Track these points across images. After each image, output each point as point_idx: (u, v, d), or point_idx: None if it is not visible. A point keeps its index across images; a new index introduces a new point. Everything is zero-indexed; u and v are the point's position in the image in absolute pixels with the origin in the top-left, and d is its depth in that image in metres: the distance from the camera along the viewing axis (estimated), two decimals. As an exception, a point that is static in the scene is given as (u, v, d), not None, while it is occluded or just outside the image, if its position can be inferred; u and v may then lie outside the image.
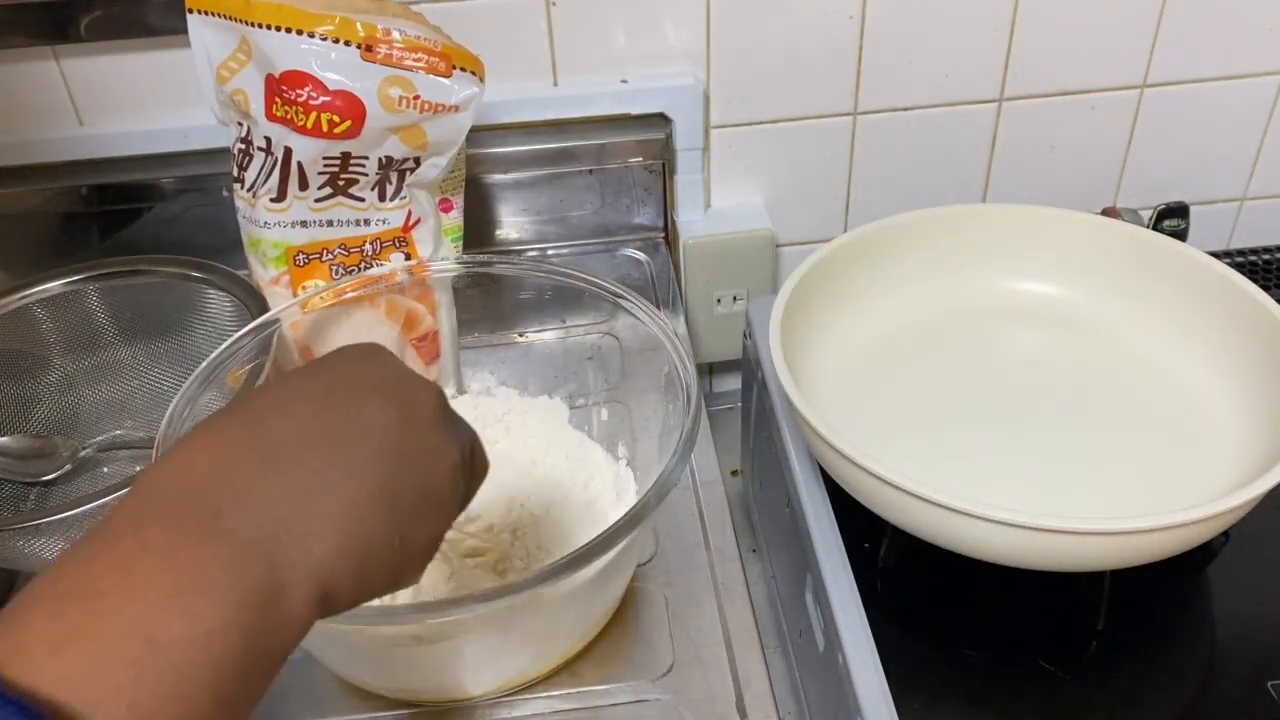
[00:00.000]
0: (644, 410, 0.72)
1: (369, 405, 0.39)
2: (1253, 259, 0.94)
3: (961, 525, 0.60)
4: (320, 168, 0.70)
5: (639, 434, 0.73)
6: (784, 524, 0.77)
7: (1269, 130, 1.01)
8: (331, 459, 0.37)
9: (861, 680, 0.62)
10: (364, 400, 0.39)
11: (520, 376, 0.80)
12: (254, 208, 0.72)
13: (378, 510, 0.37)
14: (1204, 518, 0.58)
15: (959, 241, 0.82)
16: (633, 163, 0.93)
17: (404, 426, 0.40)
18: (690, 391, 0.62)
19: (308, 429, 0.38)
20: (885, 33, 0.92)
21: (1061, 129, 0.99)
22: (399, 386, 0.41)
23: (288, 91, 0.67)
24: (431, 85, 0.68)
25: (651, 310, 0.67)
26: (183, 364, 0.78)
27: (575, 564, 0.54)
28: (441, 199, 0.76)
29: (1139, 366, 0.77)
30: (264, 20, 0.67)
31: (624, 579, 0.66)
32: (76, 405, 0.79)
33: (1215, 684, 0.65)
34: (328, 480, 0.37)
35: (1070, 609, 0.67)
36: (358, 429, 0.38)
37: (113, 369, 0.80)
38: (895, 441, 0.70)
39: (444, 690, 0.63)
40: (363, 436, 0.38)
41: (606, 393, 0.76)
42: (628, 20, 0.90)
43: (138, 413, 0.79)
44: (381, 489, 0.38)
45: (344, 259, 0.74)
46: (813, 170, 0.99)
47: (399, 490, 0.38)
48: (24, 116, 0.89)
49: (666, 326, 0.66)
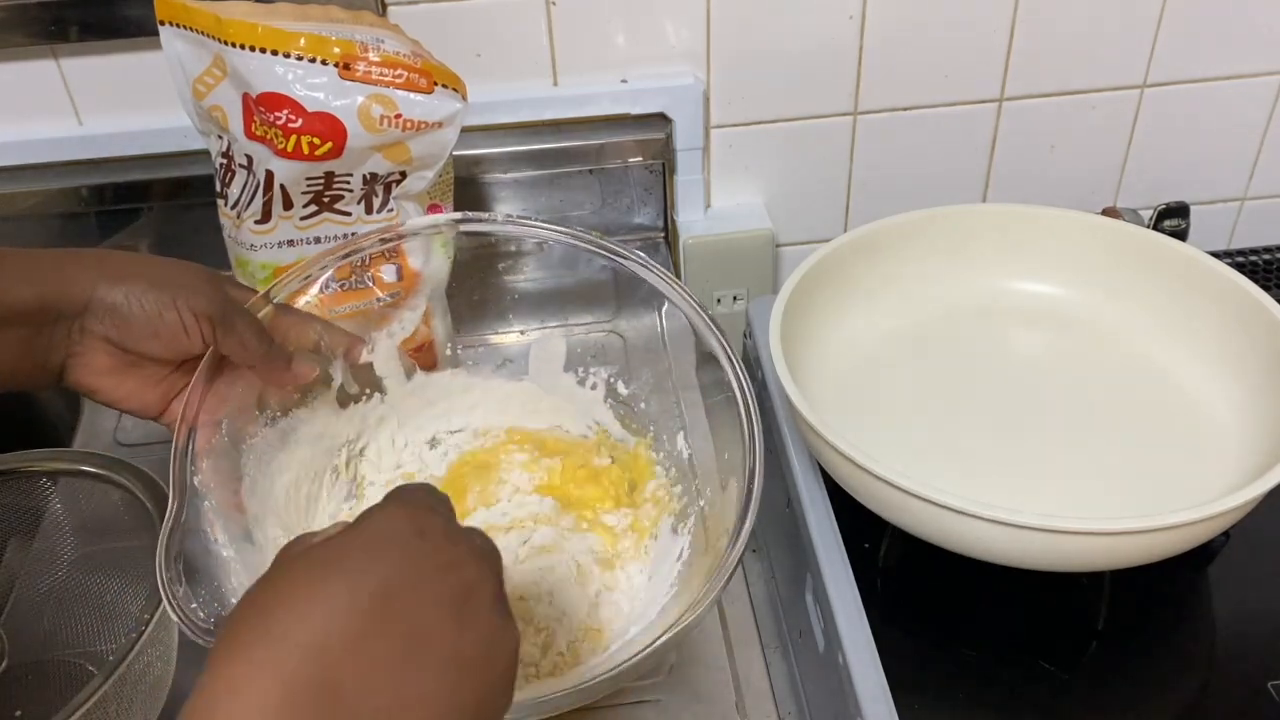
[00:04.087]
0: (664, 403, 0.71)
1: (427, 615, 0.38)
2: (1253, 259, 0.94)
3: (962, 525, 0.60)
4: (304, 188, 0.69)
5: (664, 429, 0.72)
6: (784, 524, 0.77)
7: (1269, 130, 1.01)
8: (399, 686, 0.36)
9: (861, 680, 0.61)
10: (421, 609, 0.38)
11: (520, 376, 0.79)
12: (239, 229, 0.72)
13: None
14: (1204, 518, 0.58)
15: (959, 241, 0.82)
16: (633, 163, 0.93)
17: (462, 631, 0.38)
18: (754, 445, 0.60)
19: (371, 654, 0.36)
20: (885, 33, 0.92)
21: (1061, 129, 0.99)
22: (450, 577, 0.39)
23: (266, 113, 0.66)
24: (413, 103, 0.67)
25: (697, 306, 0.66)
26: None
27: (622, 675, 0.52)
28: (430, 205, 0.76)
29: (1139, 366, 0.77)
30: (237, 39, 0.65)
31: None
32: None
33: (1215, 684, 0.65)
34: (398, 708, 0.36)
35: (1070, 609, 0.67)
36: (419, 646, 0.37)
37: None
38: (895, 441, 0.70)
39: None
40: (425, 654, 0.37)
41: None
42: (628, 20, 0.90)
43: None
44: (449, 708, 0.37)
45: (334, 273, 0.72)
46: (813, 170, 0.99)
47: (465, 702, 0.38)
48: (24, 116, 0.89)
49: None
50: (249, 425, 0.64)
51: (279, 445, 0.66)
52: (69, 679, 0.69)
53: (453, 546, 0.41)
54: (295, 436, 0.67)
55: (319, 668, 0.35)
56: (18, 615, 0.72)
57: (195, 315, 0.56)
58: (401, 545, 0.39)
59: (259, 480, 0.64)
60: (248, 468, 0.63)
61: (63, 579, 0.72)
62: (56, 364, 0.56)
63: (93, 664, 0.69)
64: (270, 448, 0.65)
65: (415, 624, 0.37)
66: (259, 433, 0.64)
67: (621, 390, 0.73)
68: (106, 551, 0.72)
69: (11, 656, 0.68)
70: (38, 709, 0.67)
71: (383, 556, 0.39)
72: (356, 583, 0.37)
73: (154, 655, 0.60)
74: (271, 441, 0.65)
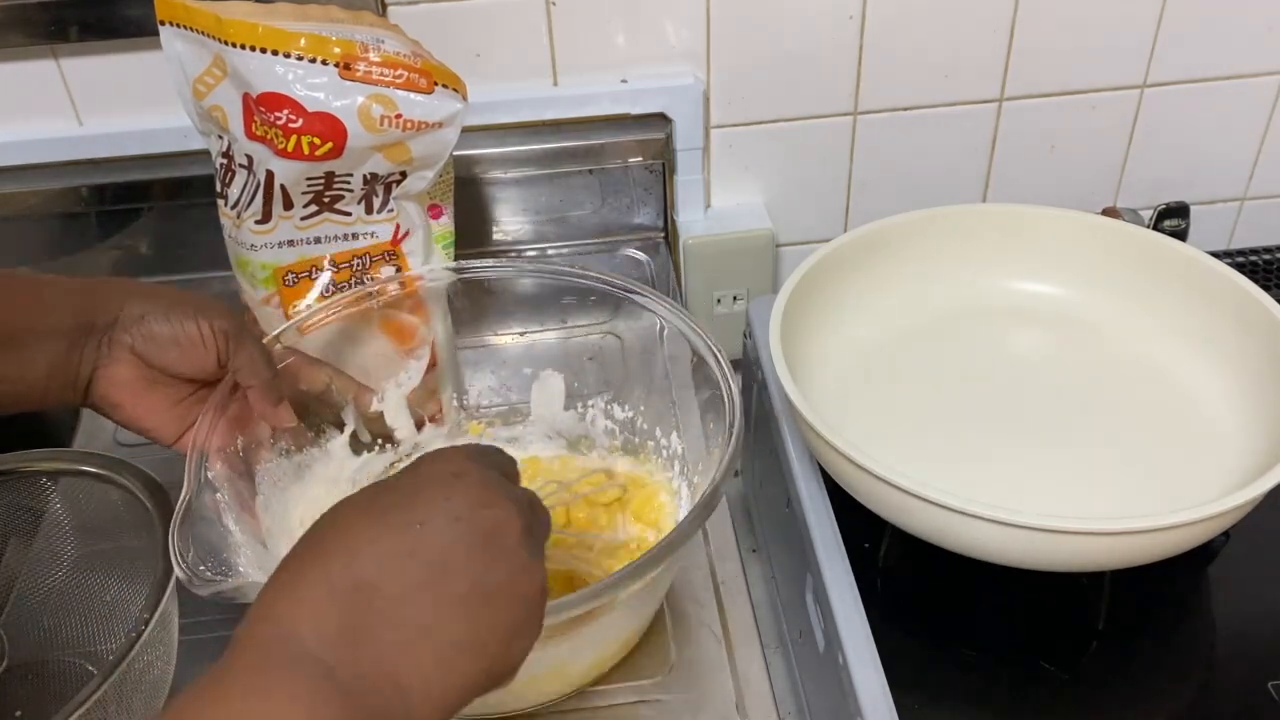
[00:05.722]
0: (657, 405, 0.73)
1: (457, 544, 0.42)
2: (1253, 259, 0.94)
3: (961, 525, 0.60)
4: (304, 188, 0.69)
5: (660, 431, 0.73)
6: (784, 524, 0.77)
7: (1269, 130, 1.01)
8: (423, 607, 0.41)
9: (861, 680, 0.62)
10: (452, 537, 0.42)
11: (521, 376, 0.80)
12: (239, 229, 0.72)
13: (465, 655, 0.41)
14: (1204, 518, 0.58)
15: (959, 241, 0.82)
16: (633, 163, 0.93)
17: (489, 563, 0.42)
18: (732, 404, 0.62)
19: (401, 572, 0.41)
20: (885, 33, 0.92)
21: (1061, 129, 0.99)
22: (483, 514, 0.43)
23: (266, 113, 0.66)
24: (413, 103, 0.67)
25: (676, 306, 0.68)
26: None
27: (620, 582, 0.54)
28: (431, 205, 0.76)
29: (1139, 366, 0.77)
30: (237, 39, 0.65)
31: (660, 596, 0.66)
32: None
33: (1215, 684, 0.65)
34: (420, 629, 0.40)
35: (1070, 609, 0.67)
36: (447, 571, 0.41)
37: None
38: (895, 441, 0.70)
39: (477, 705, 0.62)
40: (451, 579, 0.41)
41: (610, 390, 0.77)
42: (628, 20, 0.90)
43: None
44: (469, 635, 0.41)
45: (334, 275, 0.73)
46: (813, 170, 0.99)
47: (486, 635, 0.42)
48: (24, 116, 0.89)
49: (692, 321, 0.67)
50: (263, 451, 0.66)
51: (294, 477, 0.69)
52: (69, 679, 0.68)
53: (485, 489, 0.44)
54: (310, 474, 0.70)
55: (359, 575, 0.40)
56: (18, 615, 0.72)
57: (213, 329, 0.61)
58: (440, 483, 0.44)
59: (273, 500, 0.66)
60: (262, 486, 0.65)
61: (63, 579, 0.72)
62: (85, 377, 0.60)
63: (93, 664, 0.69)
64: (285, 475, 0.68)
65: (443, 552, 0.41)
66: (274, 459, 0.67)
67: (618, 414, 0.75)
68: (106, 551, 0.72)
69: (11, 656, 0.68)
70: (37, 709, 0.67)
71: (420, 493, 0.43)
72: (396, 516, 0.42)
73: (154, 655, 0.60)
74: (286, 470, 0.68)
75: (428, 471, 0.45)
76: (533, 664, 0.59)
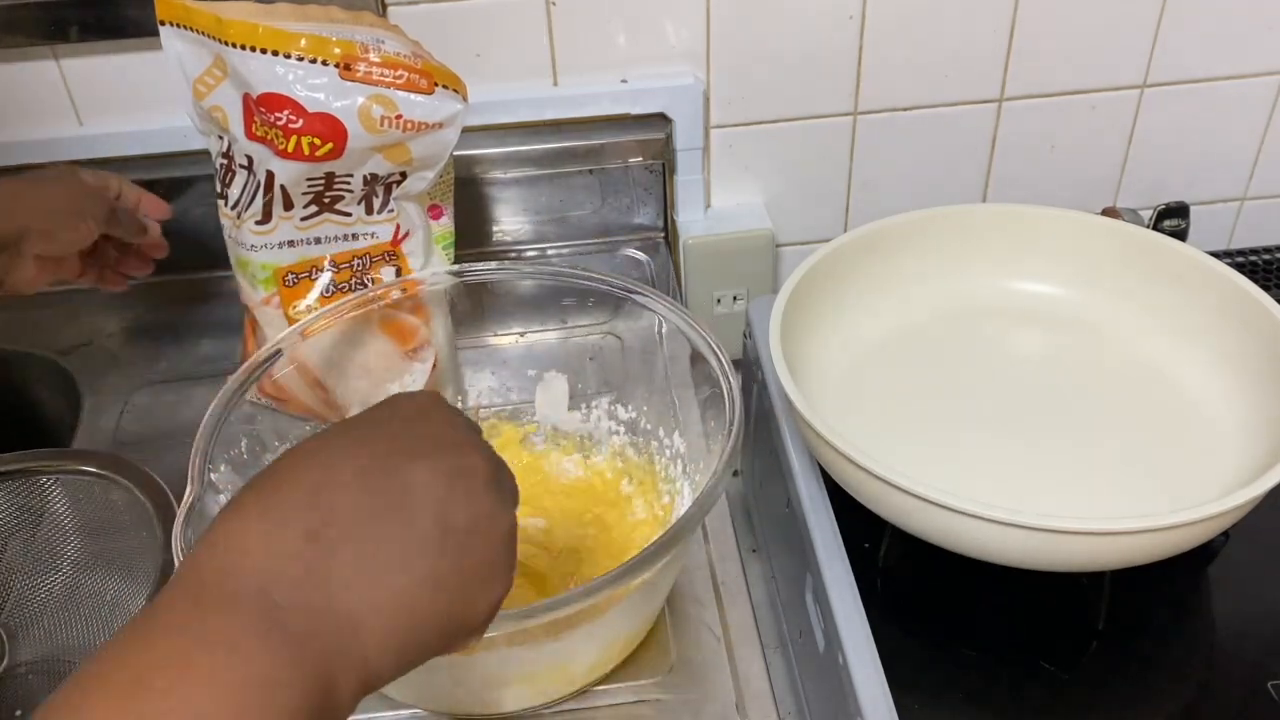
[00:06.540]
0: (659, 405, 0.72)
1: (418, 477, 0.39)
2: (1253, 259, 0.94)
3: (961, 525, 0.60)
4: (304, 188, 0.69)
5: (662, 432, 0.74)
6: (784, 524, 0.77)
7: (1269, 130, 1.01)
8: (380, 540, 0.37)
9: (861, 680, 0.62)
10: (413, 471, 0.39)
11: (522, 377, 0.80)
12: (239, 229, 0.72)
13: (424, 595, 0.38)
14: (1204, 518, 0.58)
15: (959, 241, 0.82)
16: (633, 163, 0.93)
17: (453, 500, 0.40)
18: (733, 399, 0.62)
19: (357, 503, 0.38)
20: (885, 33, 0.92)
21: (1061, 129, 0.99)
22: (448, 454, 0.41)
23: (266, 113, 0.66)
24: (413, 103, 0.67)
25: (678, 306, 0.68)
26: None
27: (621, 577, 0.54)
28: (431, 206, 0.76)
29: (1139, 366, 0.77)
30: (237, 40, 0.65)
31: (663, 593, 0.66)
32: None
33: (1215, 684, 0.65)
34: (376, 563, 0.37)
35: (1070, 609, 0.67)
36: (406, 505, 0.38)
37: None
38: (895, 441, 0.70)
39: (479, 704, 0.62)
40: (411, 513, 0.38)
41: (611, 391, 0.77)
42: (628, 20, 0.90)
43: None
44: (429, 574, 0.38)
45: (334, 275, 0.73)
46: (813, 170, 0.99)
47: (446, 574, 0.39)
48: (24, 116, 0.89)
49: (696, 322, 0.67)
50: (265, 455, 0.66)
51: None
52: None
53: (453, 430, 0.42)
54: None
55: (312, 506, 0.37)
56: (18, 615, 0.72)
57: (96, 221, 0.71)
58: (404, 420, 0.42)
59: None
60: None
61: (63, 578, 0.73)
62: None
63: (93, 664, 0.69)
64: None
65: (407, 482, 0.39)
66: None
67: (622, 415, 0.75)
68: (106, 551, 0.72)
69: (11, 656, 0.68)
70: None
71: (384, 426, 0.42)
72: (356, 446, 0.40)
73: (154, 655, 0.60)
74: None
75: (393, 407, 0.43)
76: (534, 663, 0.59)
